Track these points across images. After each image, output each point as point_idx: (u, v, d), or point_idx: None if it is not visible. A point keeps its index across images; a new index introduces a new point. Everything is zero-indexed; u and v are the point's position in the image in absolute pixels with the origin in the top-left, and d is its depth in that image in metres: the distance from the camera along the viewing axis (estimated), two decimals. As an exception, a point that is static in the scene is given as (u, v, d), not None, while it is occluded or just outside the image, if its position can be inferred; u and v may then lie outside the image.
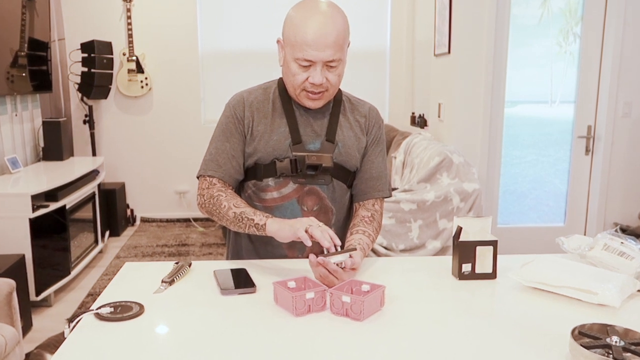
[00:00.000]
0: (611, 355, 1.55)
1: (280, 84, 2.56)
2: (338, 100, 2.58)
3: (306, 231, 2.15)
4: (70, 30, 7.86)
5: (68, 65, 7.79)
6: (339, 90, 2.63)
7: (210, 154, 2.53)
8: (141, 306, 1.95)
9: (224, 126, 2.52)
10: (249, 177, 2.54)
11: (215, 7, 8.07)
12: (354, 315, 1.88)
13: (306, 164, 2.45)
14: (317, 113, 2.52)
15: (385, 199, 5.03)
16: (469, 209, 5.25)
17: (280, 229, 2.24)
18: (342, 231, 2.66)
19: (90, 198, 6.38)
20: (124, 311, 1.91)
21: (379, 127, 2.65)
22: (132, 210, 8.30)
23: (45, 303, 5.28)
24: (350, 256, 2.14)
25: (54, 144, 6.71)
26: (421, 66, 7.54)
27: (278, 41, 2.45)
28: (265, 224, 2.29)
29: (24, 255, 4.73)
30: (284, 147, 2.45)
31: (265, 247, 2.57)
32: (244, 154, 2.51)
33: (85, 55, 7.28)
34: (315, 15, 2.27)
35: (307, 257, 2.55)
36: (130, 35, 7.81)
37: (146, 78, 7.95)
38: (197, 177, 2.56)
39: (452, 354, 1.65)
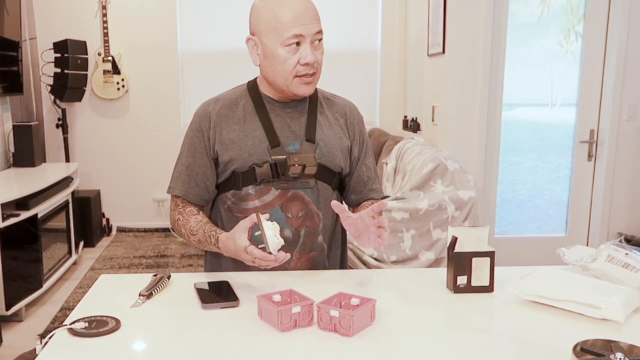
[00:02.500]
0: (615, 373, 1.55)
1: (251, 86, 2.58)
2: (315, 99, 2.60)
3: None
4: (42, 29, 7.84)
5: (40, 65, 7.76)
6: (315, 88, 2.66)
7: (178, 170, 2.57)
8: (117, 321, 1.95)
9: (189, 141, 2.56)
10: (228, 188, 2.55)
11: (195, 4, 8.06)
12: (342, 331, 1.88)
13: (288, 166, 2.46)
14: (293, 112, 2.53)
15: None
16: (464, 218, 5.25)
17: (227, 251, 2.29)
18: (331, 238, 2.65)
19: (64, 206, 6.36)
20: (99, 326, 1.90)
21: (361, 124, 2.69)
22: (107, 220, 8.28)
23: (16, 318, 5.25)
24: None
25: (25, 149, 6.68)
26: (414, 67, 7.55)
27: (248, 40, 2.47)
28: (219, 248, 2.35)
29: (-8, 268, 4.73)
30: (262, 152, 2.46)
31: (246, 265, 2.55)
32: (211, 168, 2.53)
33: (58, 55, 7.26)
34: None
35: (294, 268, 2.56)
36: (105, 34, 7.80)
37: (123, 79, 7.93)
38: (168, 193, 2.60)
39: (447, 371, 1.66)
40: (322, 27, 2.39)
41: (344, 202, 2.76)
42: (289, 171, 2.46)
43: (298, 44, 2.34)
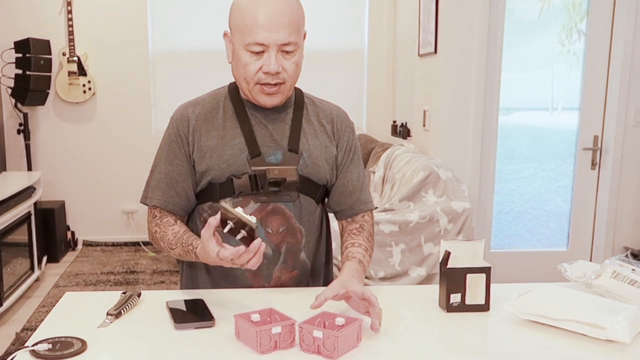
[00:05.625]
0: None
1: (232, 88, 2.56)
2: (300, 104, 2.58)
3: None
4: (2, 27, 7.80)
5: (0, 67, 7.78)
6: (301, 92, 2.63)
7: (155, 179, 2.53)
8: (83, 342, 1.94)
9: (167, 146, 2.53)
10: (204, 199, 2.54)
11: (168, 0, 8.08)
12: (326, 353, 1.88)
13: (267, 179, 2.44)
14: (276, 120, 2.51)
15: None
16: (458, 231, 5.26)
17: (209, 262, 2.24)
18: (315, 255, 2.64)
19: (25, 219, 6.33)
20: (63, 348, 1.90)
21: (350, 131, 2.65)
22: (73, 233, 8.24)
23: (-28, 340, 5.23)
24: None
25: (-17, 156, 6.66)
26: (404, 68, 7.58)
27: (225, 34, 2.46)
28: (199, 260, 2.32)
29: (-53, 285, 4.70)
30: (241, 162, 2.44)
31: (225, 279, 2.55)
32: (192, 176, 2.51)
33: (20, 55, 7.25)
34: None
35: (275, 285, 2.55)
36: (70, 33, 7.77)
37: (89, 82, 7.90)
38: (142, 203, 2.58)
39: (440, 396, 1.66)
40: (297, 38, 2.34)
41: (329, 214, 2.76)
42: (268, 184, 2.45)
43: (263, 51, 2.32)
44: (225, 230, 2.12)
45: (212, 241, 2.13)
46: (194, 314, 2.17)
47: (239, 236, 2.11)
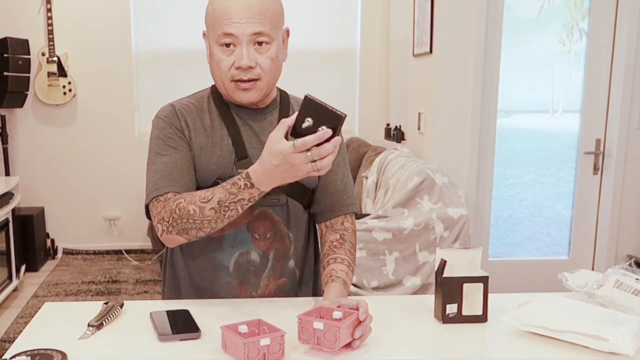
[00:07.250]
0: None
1: (214, 90, 2.55)
2: (285, 104, 2.57)
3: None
4: (-22, 25, 7.80)
5: (-25, 66, 7.72)
6: (286, 93, 2.63)
7: (161, 171, 2.38)
8: (64, 355, 1.93)
9: (164, 139, 2.41)
10: None
11: (153, -3, 8.09)
12: (327, 344, 1.90)
13: None
14: (262, 121, 2.50)
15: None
16: (454, 239, 5.25)
17: (269, 173, 2.07)
18: (303, 263, 2.64)
19: (3, 226, 6.31)
20: (42, 361, 1.90)
21: None
22: (52, 241, 8.22)
23: (-54, 353, 5.22)
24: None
25: (-42, 160, 6.64)
26: (398, 69, 7.57)
27: (204, 34, 2.46)
28: (254, 185, 2.12)
29: None
30: (228, 164, 2.43)
31: (210, 288, 2.54)
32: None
33: (-3, 54, 7.24)
34: None
35: (262, 295, 2.55)
36: (50, 32, 7.75)
37: (69, 83, 7.89)
38: (147, 205, 2.42)
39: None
40: (271, 30, 2.32)
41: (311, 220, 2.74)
42: None
43: (234, 44, 2.31)
44: (304, 125, 1.96)
45: (284, 140, 1.99)
46: (179, 325, 2.16)
47: (321, 131, 1.94)
